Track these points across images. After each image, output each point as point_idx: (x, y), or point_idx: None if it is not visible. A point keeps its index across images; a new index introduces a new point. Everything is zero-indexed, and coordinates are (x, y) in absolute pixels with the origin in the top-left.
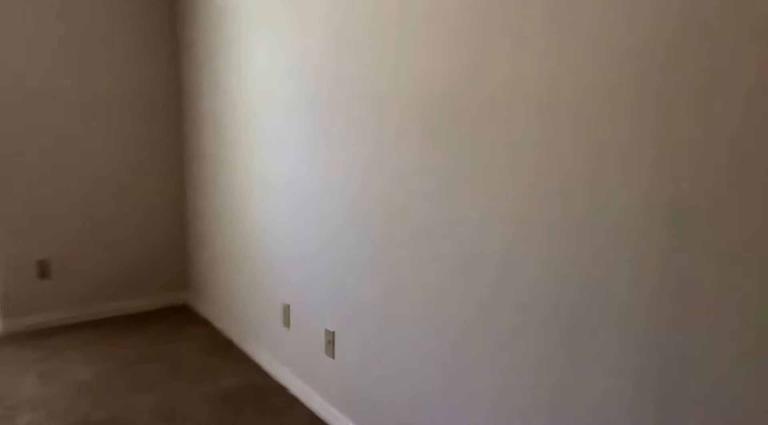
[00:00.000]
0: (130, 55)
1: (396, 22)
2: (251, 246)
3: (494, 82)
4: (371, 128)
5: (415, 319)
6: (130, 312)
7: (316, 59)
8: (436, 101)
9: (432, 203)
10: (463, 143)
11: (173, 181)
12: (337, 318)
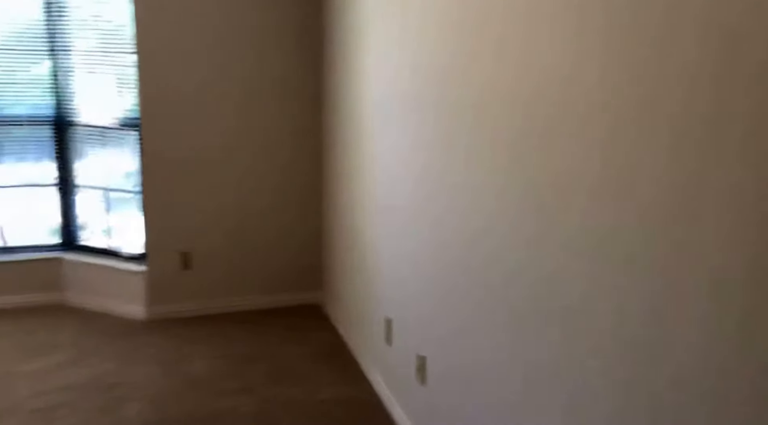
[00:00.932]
0: (273, 56)
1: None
2: (368, 254)
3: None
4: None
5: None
6: (264, 308)
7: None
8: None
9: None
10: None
11: (313, 181)
12: (430, 343)
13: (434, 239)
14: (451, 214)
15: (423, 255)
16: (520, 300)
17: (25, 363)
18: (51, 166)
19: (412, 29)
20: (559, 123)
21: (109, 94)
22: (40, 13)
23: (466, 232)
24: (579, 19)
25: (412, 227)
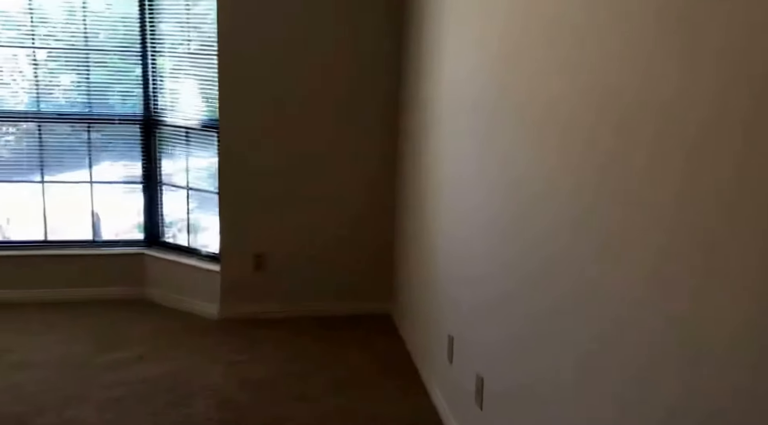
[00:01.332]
0: (351, 64)
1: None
2: (434, 268)
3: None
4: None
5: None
6: (334, 315)
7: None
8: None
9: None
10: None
11: (388, 189)
12: (488, 363)
13: (495, 257)
14: (513, 233)
15: (485, 273)
16: (585, 324)
17: (105, 354)
18: (138, 164)
19: (489, 35)
20: (626, 145)
21: (194, 97)
22: (135, 14)
23: (526, 251)
24: (653, 40)
25: (476, 243)
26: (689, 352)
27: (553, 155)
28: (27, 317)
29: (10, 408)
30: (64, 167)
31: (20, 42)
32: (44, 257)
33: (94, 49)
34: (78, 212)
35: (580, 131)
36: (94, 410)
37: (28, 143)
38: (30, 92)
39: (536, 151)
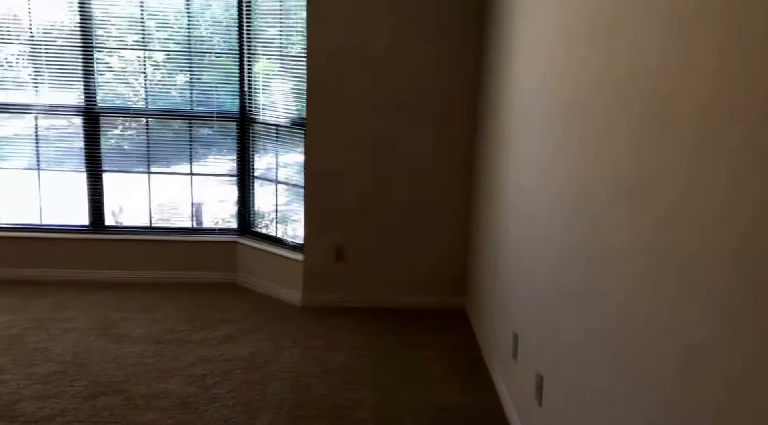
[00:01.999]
0: (436, 63)
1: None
2: (502, 266)
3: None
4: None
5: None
6: (410, 307)
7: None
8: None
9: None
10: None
11: (464, 187)
12: (549, 362)
13: (557, 256)
14: (578, 234)
15: (546, 274)
16: (646, 328)
17: (195, 333)
18: (234, 159)
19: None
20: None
21: (284, 96)
22: (234, 14)
23: (590, 253)
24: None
25: (539, 242)
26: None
27: (620, 158)
28: (132, 296)
29: (112, 375)
30: (168, 161)
31: (142, 45)
32: (149, 242)
33: (199, 52)
34: (180, 201)
35: (648, 134)
36: (180, 384)
37: (139, 137)
38: (145, 91)
39: (602, 154)
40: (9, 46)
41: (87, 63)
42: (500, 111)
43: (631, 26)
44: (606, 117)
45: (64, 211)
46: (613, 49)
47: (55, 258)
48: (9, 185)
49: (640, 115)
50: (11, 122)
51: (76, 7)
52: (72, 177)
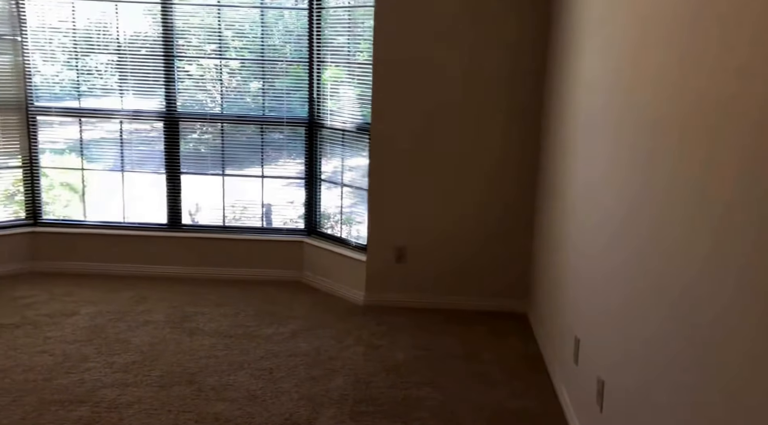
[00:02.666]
0: (495, 69)
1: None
2: (565, 269)
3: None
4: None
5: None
6: (470, 309)
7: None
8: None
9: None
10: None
11: (528, 189)
12: (610, 367)
13: (624, 261)
14: (644, 239)
15: (614, 277)
16: (713, 336)
17: (264, 328)
18: (302, 162)
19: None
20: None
21: (350, 102)
22: (305, 24)
23: (659, 258)
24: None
25: (604, 248)
26: None
27: (697, 165)
28: (205, 291)
29: (185, 367)
30: (241, 163)
31: (219, 54)
32: (222, 240)
33: (271, 60)
34: (251, 202)
35: (724, 138)
36: (248, 377)
37: (214, 141)
38: (221, 98)
39: (675, 159)
40: (99, 56)
41: (168, 71)
42: (566, 116)
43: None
44: (657, 124)
45: (144, 210)
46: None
47: (136, 255)
48: (96, 186)
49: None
50: (99, 126)
51: (160, 19)
52: (152, 178)
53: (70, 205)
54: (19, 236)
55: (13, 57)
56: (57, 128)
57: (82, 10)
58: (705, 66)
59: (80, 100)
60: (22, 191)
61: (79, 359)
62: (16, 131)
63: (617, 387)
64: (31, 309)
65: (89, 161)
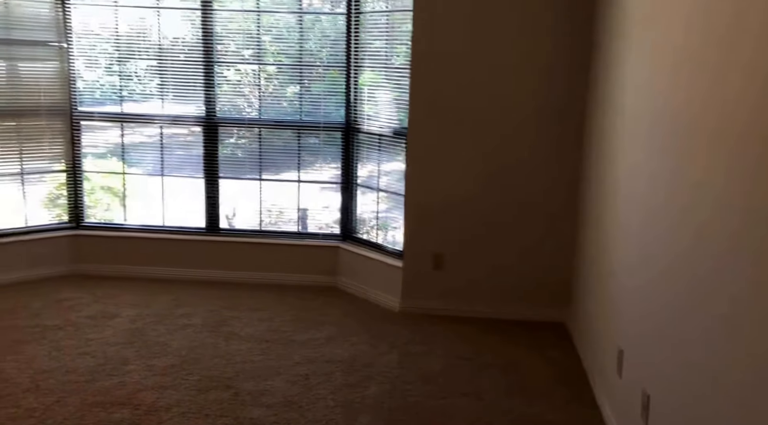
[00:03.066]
0: (541, 71)
1: None
2: (607, 277)
3: None
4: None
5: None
6: (508, 318)
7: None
8: None
9: None
10: None
11: (569, 196)
12: (657, 381)
13: (673, 271)
14: (691, 244)
15: (658, 286)
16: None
17: (299, 334)
18: (338, 167)
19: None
20: None
21: (387, 106)
22: (342, 29)
23: (707, 263)
24: None
25: (649, 254)
26: None
27: (748, 169)
28: (241, 295)
29: (222, 371)
30: (277, 168)
31: (257, 59)
32: (258, 244)
33: (308, 65)
34: (287, 207)
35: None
36: (284, 383)
37: (251, 146)
38: (259, 102)
39: (725, 164)
40: (139, 61)
41: (208, 76)
42: (611, 121)
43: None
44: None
45: (183, 214)
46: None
47: (175, 258)
48: (136, 189)
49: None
50: (138, 130)
51: (199, 24)
52: (190, 182)
53: (110, 208)
54: (63, 239)
55: (59, 64)
56: (98, 133)
57: (123, 15)
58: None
59: (122, 105)
60: (65, 195)
61: (120, 361)
62: (60, 135)
63: (664, 401)
64: (73, 311)
65: (129, 165)
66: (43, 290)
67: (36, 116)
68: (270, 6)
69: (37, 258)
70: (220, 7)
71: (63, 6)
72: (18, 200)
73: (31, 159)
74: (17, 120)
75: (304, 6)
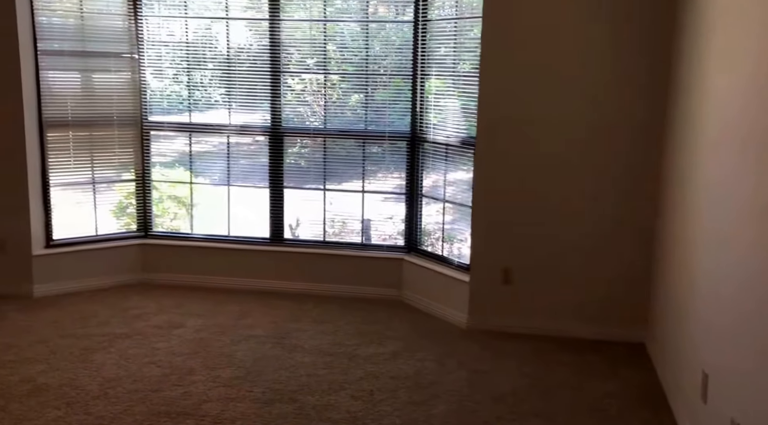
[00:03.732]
0: (614, 83)
1: None
2: (690, 294)
3: None
4: None
5: None
6: (581, 337)
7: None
8: None
9: None
10: None
11: (645, 207)
12: (751, 412)
13: (761, 286)
14: None
15: (752, 305)
16: None
17: (363, 348)
18: (403, 177)
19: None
20: None
21: (455, 115)
22: (408, 35)
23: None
24: None
25: (740, 270)
26: None
27: None
28: (305, 307)
29: (286, 384)
30: (340, 177)
31: (323, 68)
32: (322, 255)
33: (373, 73)
34: (350, 217)
35: None
36: (348, 398)
37: (315, 155)
38: (324, 112)
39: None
40: (205, 70)
41: (274, 85)
42: (691, 131)
43: None
44: None
45: (247, 224)
46: None
47: (239, 268)
48: (202, 198)
49: None
50: (203, 140)
51: (267, 33)
52: (253, 192)
53: (176, 218)
54: (131, 247)
55: (131, 74)
56: (166, 142)
57: (190, 25)
58: None
59: (189, 114)
60: (134, 204)
61: (186, 371)
62: (130, 145)
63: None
64: (140, 320)
65: (195, 175)
66: (111, 299)
67: (108, 126)
68: (335, 15)
69: (106, 267)
70: (287, 16)
71: (135, 18)
72: (89, 209)
73: (102, 168)
74: (90, 130)
75: (370, 14)
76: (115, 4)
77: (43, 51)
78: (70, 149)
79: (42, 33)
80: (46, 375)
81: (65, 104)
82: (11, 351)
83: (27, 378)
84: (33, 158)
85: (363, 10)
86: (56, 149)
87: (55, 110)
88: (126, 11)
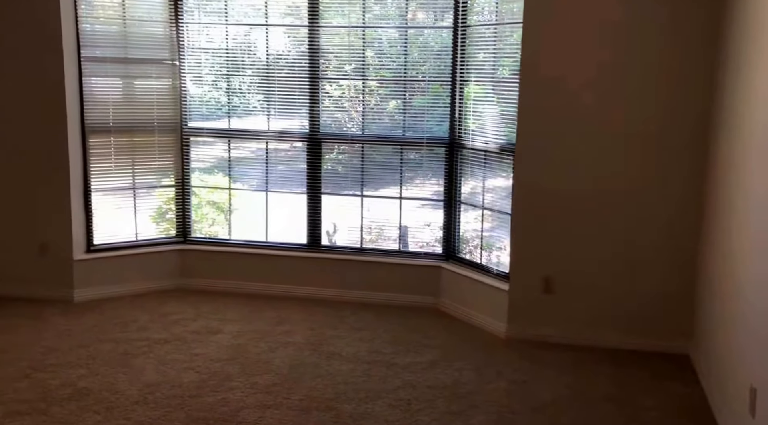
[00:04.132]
0: (662, 92)
1: None
2: (738, 306)
3: None
4: None
5: None
6: (625, 348)
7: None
8: None
9: None
10: None
11: (691, 215)
12: None
13: None
14: None
15: None
16: None
17: (400, 356)
18: (441, 183)
19: None
20: None
21: (494, 121)
22: (447, 41)
23: None
24: None
25: None
26: None
27: None
28: (343, 314)
29: (323, 391)
30: (378, 184)
31: (361, 74)
32: (359, 262)
33: (412, 79)
34: (388, 224)
35: None
36: (385, 407)
37: (352, 161)
38: (362, 118)
39: None
40: (244, 77)
41: (313, 91)
42: (737, 139)
43: None
44: None
45: (284, 230)
46: None
47: (277, 274)
48: (241, 204)
49: None
50: (242, 146)
51: (306, 40)
52: (291, 198)
53: (215, 223)
54: (170, 253)
55: (171, 81)
56: (205, 148)
57: (230, 32)
58: None
59: (229, 121)
60: (173, 209)
61: (223, 377)
62: (170, 151)
63: None
64: (179, 325)
65: (234, 180)
66: (150, 304)
67: (149, 132)
68: (374, 21)
69: (145, 272)
70: (326, 23)
71: (176, 25)
72: (129, 214)
73: (142, 173)
74: (131, 136)
75: (408, 20)
76: (157, 12)
77: (86, 58)
78: (112, 154)
79: (85, 40)
80: (86, 380)
81: (107, 110)
82: (52, 354)
83: (68, 382)
84: (75, 164)
85: (402, 16)
86: (98, 155)
87: (97, 116)
88: (167, 18)
